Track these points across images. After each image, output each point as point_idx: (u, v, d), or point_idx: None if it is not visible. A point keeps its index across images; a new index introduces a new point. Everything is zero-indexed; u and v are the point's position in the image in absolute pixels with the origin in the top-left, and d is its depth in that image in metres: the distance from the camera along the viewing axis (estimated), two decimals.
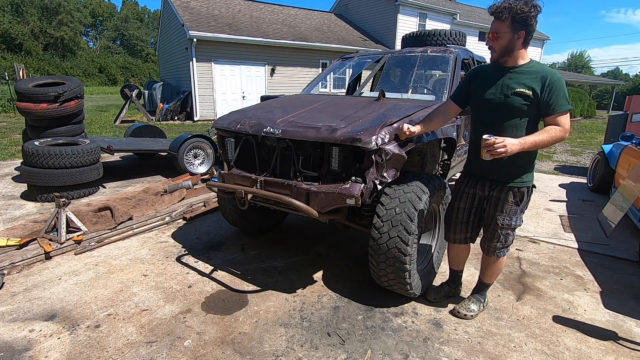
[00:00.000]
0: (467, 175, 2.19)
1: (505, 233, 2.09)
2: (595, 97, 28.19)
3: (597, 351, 2.03)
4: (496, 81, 1.95)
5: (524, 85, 1.86)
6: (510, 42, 1.85)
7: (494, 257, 2.18)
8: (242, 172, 2.60)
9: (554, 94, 1.81)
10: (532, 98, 1.85)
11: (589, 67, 52.97)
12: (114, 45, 48.96)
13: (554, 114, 1.83)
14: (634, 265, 3.06)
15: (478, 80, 2.06)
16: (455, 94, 2.24)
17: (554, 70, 1.88)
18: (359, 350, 2.00)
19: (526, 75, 1.88)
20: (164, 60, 18.11)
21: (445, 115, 2.24)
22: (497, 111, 1.94)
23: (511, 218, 2.04)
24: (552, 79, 1.82)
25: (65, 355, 1.91)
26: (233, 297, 2.47)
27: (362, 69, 4.00)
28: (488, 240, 2.16)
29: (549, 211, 4.37)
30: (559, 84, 1.82)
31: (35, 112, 4.68)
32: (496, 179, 2.03)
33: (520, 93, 1.86)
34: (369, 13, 18.80)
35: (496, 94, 1.93)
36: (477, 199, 2.14)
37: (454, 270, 2.50)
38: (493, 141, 1.76)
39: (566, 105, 1.81)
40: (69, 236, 3.18)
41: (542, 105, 1.85)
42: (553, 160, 8.01)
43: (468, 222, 2.21)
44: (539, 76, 1.85)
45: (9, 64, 26.44)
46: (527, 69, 1.89)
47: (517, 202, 2.03)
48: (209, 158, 5.47)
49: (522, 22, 1.80)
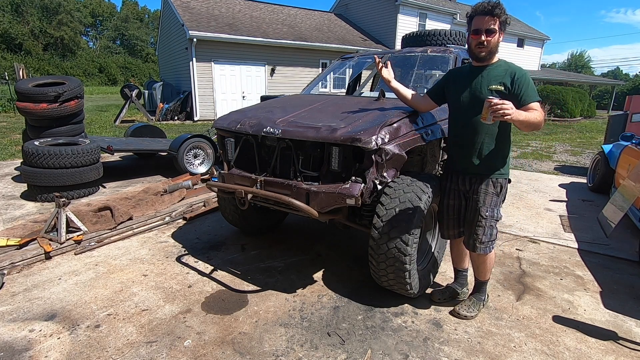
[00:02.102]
0: (449, 172, 2.27)
1: (489, 225, 2.11)
2: (595, 97, 28.19)
3: (597, 351, 2.03)
4: (472, 81, 2.06)
5: (497, 82, 1.99)
6: (499, 40, 1.98)
7: (481, 253, 2.16)
8: (242, 172, 2.59)
9: (524, 86, 1.94)
10: (505, 93, 1.96)
11: (589, 67, 52.98)
12: (114, 45, 48.96)
13: (527, 103, 1.93)
14: (634, 265, 3.06)
15: (454, 81, 2.17)
16: (431, 90, 2.33)
17: (519, 66, 2.03)
18: (359, 350, 2.00)
19: (498, 71, 2.01)
20: (164, 60, 18.11)
21: (423, 101, 2.38)
22: (473, 110, 2.02)
23: (493, 210, 2.11)
24: (519, 74, 1.96)
25: (65, 355, 1.91)
26: (233, 297, 2.47)
27: (362, 69, 4.00)
28: (474, 236, 2.14)
29: (549, 211, 4.37)
30: (526, 77, 1.96)
31: (35, 112, 4.68)
32: (477, 172, 2.11)
33: (494, 89, 1.98)
34: (369, 13, 18.80)
35: (472, 93, 2.05)
36: (462, 194, 2.20)
37: (457, 269, 2.51)
38: (497, 101, 1.75)
39: (536, 96, 1.94)
40: (69, 236, 3.18)
41: (514, 98, 1.93)
42: (553, 160, 8.01)
43: (459, 217, 2.26)
44: (507, 72, 1.98)
45: (9, 64, 26.44)
46: (497, 66, 2.03)
47: (497, 193, 2.11)
48: (209, 158, 5.47)
49: (504, 23, 1.97)
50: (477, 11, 1.96)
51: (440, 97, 2.28)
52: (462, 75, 2.14)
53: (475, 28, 1.97)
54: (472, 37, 1.99)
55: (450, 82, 2.19)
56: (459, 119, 2.13)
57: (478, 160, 2.08)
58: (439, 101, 2.31)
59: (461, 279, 2.52)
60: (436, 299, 2.46)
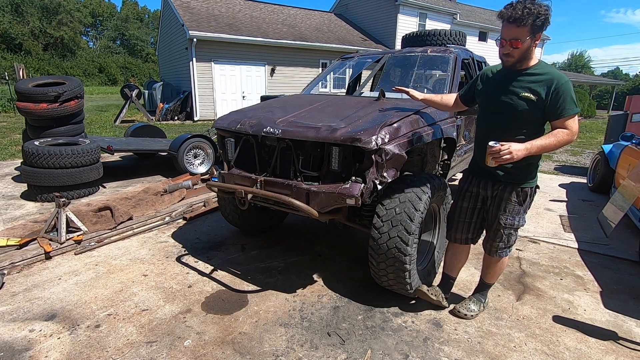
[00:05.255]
0: (470, 175, 2.19)
1: (507, 233, 2.08)
2: (595, 97, 28.19)
3: (597, 351, 2.03)
4: (503, 85, 1.93)
5: (529, 90, 1.83)
6: (529, 48, 1.80)
7: (496, 257, 2.18)
8: (242, 172, 2.59)
9: (561, 98, 1.78)
10: (537, 103, 1.82)
11: (589, 67, 52.99)
12: (114, 45, 48.95)
13: (561, 118, 1.80)
14: (634, 265, 3.06)
15: (486, 82, 2.06)
16: (463, 92, 2.25)
17: (561, 74, 1.83)
18: (359, 350, 1.99)
19: (533, 78, 1.84)
20: (164, 60, 18.11)
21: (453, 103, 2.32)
22: (502, 114, 1.93)
23: (514, 218, 2.04)
24: (559, 83, 1.78)
25: (65, 355, 1.91)
26: (233, 297, 2.47)
27: (362, 69, 4.00)
28: (490, 240, 2.16)
29: (549, 211, 4.37)
30: (566, 87, 1.78)
31: (35, 112, 4.68)
32: (500, 179, 2.03)
33: (524, 97, 1.84)
34: (369, 13, 18.80)
35: (502, 97, 1.92)
36: (480, 198, 2.14)
37: (447, 275, 2.42)
38: (499, 148, 1.75)
39: (574, 108, 1.78)
40: (69, 236, 3.18)
41: (548, 110, 1.82)
42: (553, 160, 8.01)
43: (471, 223, 2.20)
44: (545, 80, 1.81)
45: (9, 64, 26.43)
46: (534, 71, 1.86)
47: (520, 202, 2.02)
48: (209, 158, 5.47)
49: (541, 25, 1.74)
50: (503, 17, 1.76)
51: (472, 98, 2.18)
52: (493, 76, 2.02)
53: (501, 36, 1.81)
54: (500, 43, 1.84)
55: (481, 82, 2.09)
56: (487, 121, 2.04)
57: (504, 167, 1.95)
58: (469, 103, 2.22)
59: (447, 285, 2.42)
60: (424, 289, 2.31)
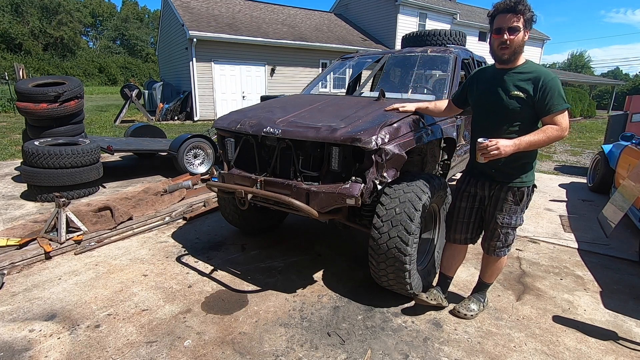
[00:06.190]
0: (468, 175, 2.20)
1: (505, 232, 2.09)
2: (595, 97, 28.19)
3: (597, 351, 2.03)
4: (494, 84, 1.97)
5: (518, 88, 1.87)
6: (522, 41, 1.83)
7: (494, 256, 2.19)
8: (242, 172, 2.59)
9: (549, 95, 1.80)
10: (526, 100, 1.85)
11: (589, 67, 52.99)
12: (114, 45, 48.93)
13: (550, 114, 1.82)
14: (634, 265, 3.06)
15: (477, 82, 2.09)
16: (455, 95, 2.30)
17: (547, 71, 1.86)
18: (359, 350, 1.99)
19: (522, 76, 1.88)
20: (164, 60, 18.11)
21: (446, 108, 2.35)
22: (494, 113, 1.96)
23: (511, 217, 2.05)
24: (546, 80, 1.81)
25: (65, 355, 1.91)
26: (233, 297, 2.47)
27: (362, 69, 4.00)
28: (488, 239, 2.17)
29: (549, 211, 4.37)
30: (553, 83, 1.81)
31: (35, 112, 4.68)
32: (496, 179, 2.04)
33: (515, 96, 1.87)
34: (369, 13, 18.80)
35: (493, 97, 1.95)
36: (478, 198, 2.15)
37: (444, 275, 2.41)
38: (486, 144, 1.78)
39: (562, 104, 1.80)
40: (69, 236, 3.18)
41: (538, 106, 1.85)
42: (553, 160, 8.01)
43: (469, 223, 2.20)
44: (532, 77, 1.85)
45: (9, 64, 26.43)
46: (522, 69, 1.90)
47: (516, 202, 2.03)
48: (209, 158, 5.47)
49: (531, 19, 1.81)
50: (498, 9, 1.83)
51: (465, 100, 2.21)
52: (485, 76, 2.05)
53: (496, 27, 1.84)
54: (494, 36, 1.86)
55: (472, 83, 2.11)
56: (480, 121, 2.06)
57: (498, 166, 1.98)
58: (463, 105, 2.25)
59: (444, 285, 2.41)
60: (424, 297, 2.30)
